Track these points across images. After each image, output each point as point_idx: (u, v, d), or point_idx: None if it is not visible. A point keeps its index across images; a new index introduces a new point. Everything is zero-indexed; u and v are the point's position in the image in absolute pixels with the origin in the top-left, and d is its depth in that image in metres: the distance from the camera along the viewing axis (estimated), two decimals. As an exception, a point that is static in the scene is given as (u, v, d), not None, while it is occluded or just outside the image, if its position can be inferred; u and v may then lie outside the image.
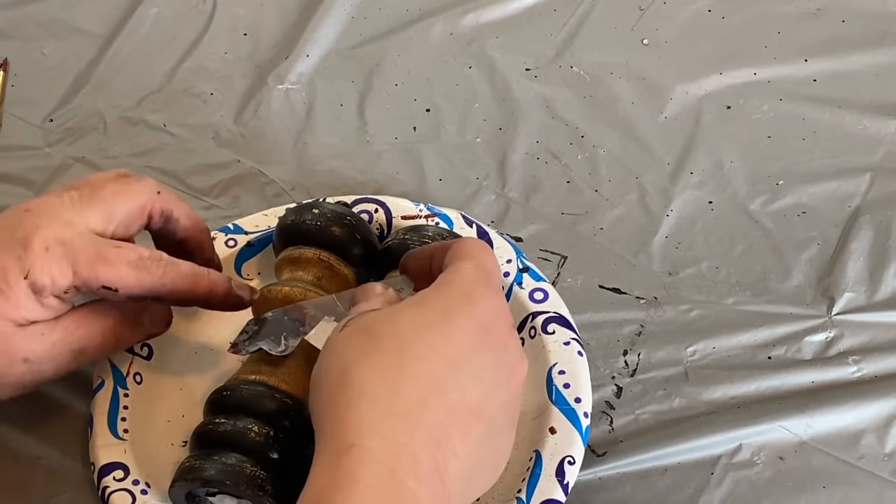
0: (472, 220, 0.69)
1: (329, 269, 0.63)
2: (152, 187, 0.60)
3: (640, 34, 0.81)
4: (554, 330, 0.64)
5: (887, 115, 0.76)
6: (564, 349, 0.63)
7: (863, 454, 0.62)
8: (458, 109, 0.78)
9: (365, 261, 0.64)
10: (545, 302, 0.66)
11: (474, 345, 0.50)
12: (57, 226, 0.56)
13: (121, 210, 0.58)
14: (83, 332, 0.58)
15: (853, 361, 0.65)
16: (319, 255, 0.63)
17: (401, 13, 0.83)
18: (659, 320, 0.67)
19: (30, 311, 0.56)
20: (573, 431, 0.60)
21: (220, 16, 0.84)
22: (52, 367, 0.57)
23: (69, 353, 0.58)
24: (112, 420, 0.62)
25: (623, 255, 0.70)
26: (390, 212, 0.69)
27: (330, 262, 0.63)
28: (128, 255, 0.56)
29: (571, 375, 0.62)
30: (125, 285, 0.56)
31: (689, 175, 0.74)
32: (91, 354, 0.59)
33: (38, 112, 0.78)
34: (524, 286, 0.66)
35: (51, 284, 0.55)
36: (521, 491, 0.59)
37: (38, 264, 0.55)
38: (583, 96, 0.78)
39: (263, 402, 0.57)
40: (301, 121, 0.77)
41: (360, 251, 0.64)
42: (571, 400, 0.62)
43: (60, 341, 0.57)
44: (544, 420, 0.61)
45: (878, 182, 0.73)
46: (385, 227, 0.69)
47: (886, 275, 0.69)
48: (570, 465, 0.59)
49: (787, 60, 0.79)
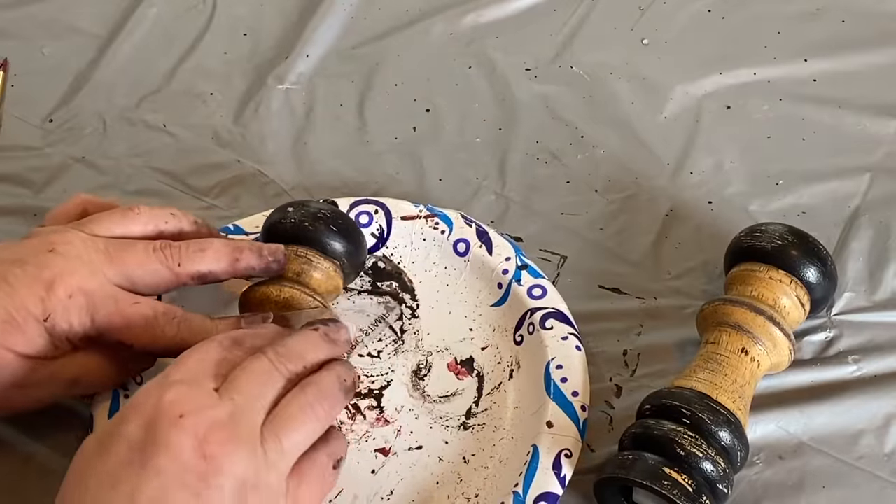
0: (471, 220, 0.69)
1: (307, 263, 0.63)
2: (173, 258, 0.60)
3: (640, 34, 0.81)
4: (552, 326, 0.65)
5: (887, 115, 0.76)
6: (562, 344, 0.64)
7: (862, 454, 0.62)
8: (458, 109, 0.78)
9: (348, 254, 0.65)
10: (543, 298, 0.66)
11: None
12: (83, 273, 0.57)
13: (140, 280, 0.60)
14: (78, 366, 0.59)
15: (853, 361, 0.65)
16: (297, 251, 0.63)
17: (401, 13, 0.83)
18: (659, 320, 0.67)
19: (38, 349, 0.57)
20: (570, 425, 0.61)
21: (220, 16, 0.84)
22: (45, 393, 0.59)
23: (63, 383, 0.59)
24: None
25: (623, 255, 0.70)
26: (390, 213, 0.69)
27: (308, 257, 0.63)
28: (145, 313, 0.58)
29: (568, 370, 0.63)
30: (140, 344, 0.58)
31: (689, 175, 0.74)
32: (84, 386, 0.60)
33: (38, 112, 0.78)
34: (522, 283, 0.67)
35: (68, 330, 0.57)
36: (517, 485, 0.59)
37: (59, 310, 0.57)
38: (583, 96, 0.78)
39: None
40: (301, 121, 0.77)
41: (339, 243, 0.64)
42: (568, 394, 0.62)
43: (57, 372, 0.58)
44: (542, 415, 0.61)
45: (878, 182, 0.73)
46: (385, 229, 0.69)
47: (886, 275, 0.68)
48: (567, 457, 0.60)
49: (787, 60, 0.79)
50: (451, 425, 0.64)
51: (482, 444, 0.63)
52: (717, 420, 0.58)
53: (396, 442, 0.63)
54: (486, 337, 0.67)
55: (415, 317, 0.68)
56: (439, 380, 0.65)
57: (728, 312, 0.62)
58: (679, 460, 0.57)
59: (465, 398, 0.65)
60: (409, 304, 0.68)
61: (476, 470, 0.62)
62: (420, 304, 0.68)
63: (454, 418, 0.64)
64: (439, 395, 0.65)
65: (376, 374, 0.66)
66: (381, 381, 0.66)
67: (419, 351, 0.66)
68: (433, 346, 0.67)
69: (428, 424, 0.64)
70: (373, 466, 0.63)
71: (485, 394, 0.65)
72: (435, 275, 0.69)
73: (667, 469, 0.56)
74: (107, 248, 0.59)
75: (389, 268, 0.69)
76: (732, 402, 0.59)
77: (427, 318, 0.68)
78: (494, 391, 0.65)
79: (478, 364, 0.66)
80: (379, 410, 0.64)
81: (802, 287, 0.63)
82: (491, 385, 0.65)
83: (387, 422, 0.64)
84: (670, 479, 0.56)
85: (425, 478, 0.62)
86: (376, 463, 0.63)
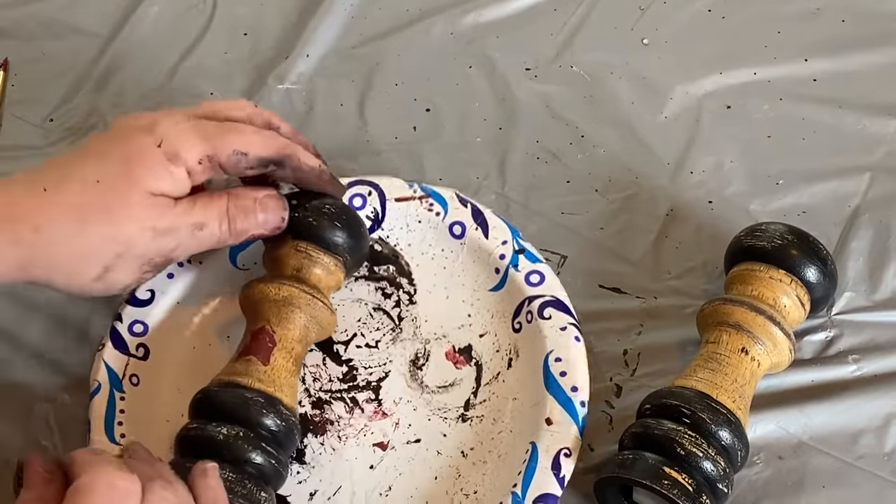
0: (466, 200, 0.69)
1: (308, 259, 0.63)
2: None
3: (640, 34, 0.81)
4: (550, 315, 0.64)
5: (887, 115, 0.76)
6: (561, 335, 0.63)
7: (862, 454, 0.62)
8: (458, 109, 0.78)
9: (350, 248, 0.64)
10: (541, 285, 0.65)
11: None
12: (178, 116, 0.61)
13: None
14: (200, 210, 0.60)
15: (853, 361, 0.65)
16: (297, 246, 0.63)
17: (401, 13, 0.83)
18: (659, 320, 0.67)
19: (160, 181, 0.58)
20: (570, 422, 0.60)
21: (220, 15, 0.84)
22: (173, 241, 0.60)
23: (188, 228, 0.60)
24: (109, 424, 0.63)
25: (623, 255, 0.70)
26: (384, 193, 0.69)
27: (308, 252, 0.63)
28: (250, 127, 0.62)
29: (568, 363, 0.62)
30: (254, 148, 0.60)
31: (689, 175, 0.74)
32: (208, 232, 0.61)
33: (38, 112, 0.78)
34: (520, 269, 0.66)
35: (184, 152, 0.59)
36: (516, 485, 0.59)
37: (170, 134, 0.59)
38: (583, 96, 0.78)
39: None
40: (301, 121, 0.77)
41: (342, 238, 0.63)
42: (568, 389, 0.61)
43: (181, 214, 0.59)
44: (540, 410, 0.61)
45: (878, 182, 0.73)
46: (380, 210, 0.69)
47: (886, 274, 0.69)
48: (567, 457, 0.60)
49: (787, 60, 0.79)
50: (449, 417, 0.64)
51: (481, 438, 0.63)
52: (717, 419, 0.58)
53: (395, 435, 0.63)
54: (484, 323, 0.66)
55: (412, 302, 0.68)
56: (437, 369, 0.65)
57: (728, 312, 0.62)
58: (679, 460, 0.57)
59: (464, 388, 0.65)
60: (406, 290, 0.68)
61: (475, 465, 0.62)
62: (417, 288, 0.68)
63: (452, 409, 0.64)
64: (437, 386, 0.65)
65: (374, 365, 0.66)
66: (380, 372, 0.65)
67: (417, 339, 0.66)
68: (431, 333, 0.66)
69: (426, 416, 0.64)
70: (371, 461, 0.63)
71: (483, 384, 0.65)
72: (432, 258, 0.69)
73: (667, 468, 0.56)
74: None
75: (386, 251, 0.69)
76: (732, 401, 0.59)
77: (425, 303, 0.67)
78: (493, 381, 0.65)
79: (476, 352, 0.66)
80: (377, 403, 0.64)
81: (802, 286, 0.63)
82: (489, 375, 0.65)
83: (385, 415, 0.64)
84: (670, 479, 0.56)
85: (424, 472, 0.62)
86: (375, 458, 0.63)
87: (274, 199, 0.62)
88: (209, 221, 0.60)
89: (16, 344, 0.68)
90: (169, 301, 0.67)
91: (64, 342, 0.68)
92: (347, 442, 0.63)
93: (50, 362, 0.67)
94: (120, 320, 0.66)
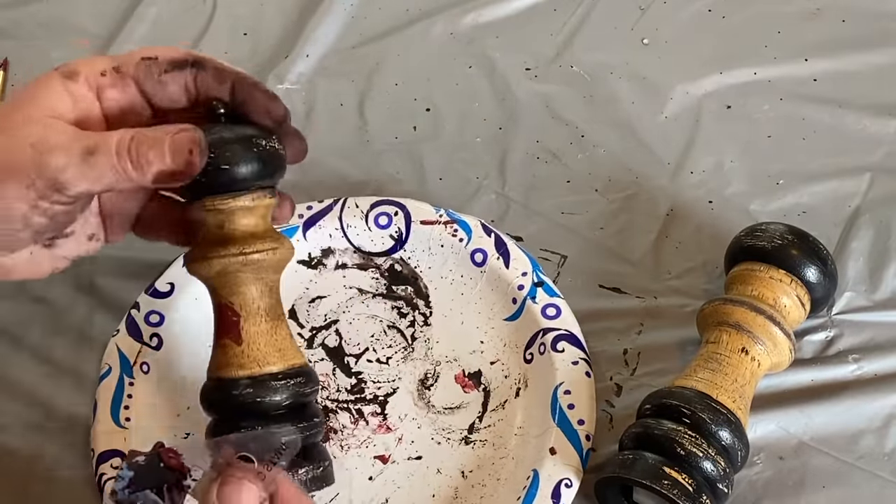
0: (490, 230, 0.69)
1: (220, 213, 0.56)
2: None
3: (640, 34, 0.81)
4: (563, 348, 0.64)
5: (887, 115, 0.76)
6: (572, 369, 0.63)
7: (862, 454, 0.62)
8: (458, 109, 0.78)
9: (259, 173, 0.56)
10: (557, 318, 0.65)
11: None
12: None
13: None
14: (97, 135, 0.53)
15: (853, 360, 0.65)
16: (204, 205, 0.56)
17: (401, 13, 0.83)
18: (659, 320, 0.67)
19: (58, 101, 0.54)
20: (573, 454, 0.60)
21: (220, 16, 0.84)
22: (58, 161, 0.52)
23: (78, 150, 0.52)
24: (115, 407, 0.63)
25: (623, 255, 0.70)
26: (410, 215, 0.69)
27: (216, 206, 0.55)
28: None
29: (576, 396, 0.62)
30: (164, 54, 0.56)
31: (689, 175, 0.74)
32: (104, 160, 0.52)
33: (38, 112, 0.78)
34: (538, 301, 0.66)
35: (83, 66, 0.55)
36: None
37: (73, 60, 0.55)
38: (583, 96, 0.78)
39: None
40: (301, 121, 0.77)
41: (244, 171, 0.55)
42: (574, 422, 0.62)
43: (72, 134, 0.53)
44: (545, 439, 0.61)
45: (878, 182, 0.73)
46: (404, 231, 0.69)
47: (886, 274, 0.68)
48: (567, 487, 0.60)
49: (787, 60, 0.79)
50: (452, 438, 0.64)
51: (482, 461, 0.63)
52: (717, 419, 0.58)
53: (396, 450, 0.63)
54: (496, 351, 0.66)
55: (427, 324, 0.67)
56: (445, 391, 0.65)
57: (728, 312, 0.62)
58: (679, 460, 0.57)
59: (470, 412, 0.64)
60: (422, 311, 0.68)
61: (473, 487, 0.62)
62: (433, 311, 0.68)
63: (456, 431, 0.64)
64: (444, 407, 0.65)
65: (383, 380, 0.66)
66: (388, 387, 0.65)
67: (428, 360, 0.66)
68: (442, 355, 0.66)
69: (430, 435, 0.64)
70: (371, 473, 0.63)
71: (489, 409, 0.64)
72: (451, 283, 0.69)
73: (667, 468, 0.56)
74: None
75: (406, 272, 0.69)
76: (733, 401, 0.59)
77: (439, 326, 0.67)
78: (499, 408, 0.64)
79: (485, 378, 0.65)
80: (382, 417, 0.64)
81: (803, 286, 0.63)
82: (496, 402, 0.65)
83: (389, 429, 0.64)
84: (670, 479, 0.56)
85: (422, 489, 0.62)
86: (374, 470, 0.63)
87: (188, 131, 0.53)
88: (102, 146, 0.52)
89: (16, 344, 0.68)
90: (188, 295, 0.66)
91: (64, 342, 0.68)
92: (349, 452, 0.63)
93: (50, 362, 0.67)
94: (137, 309, 0.66)
